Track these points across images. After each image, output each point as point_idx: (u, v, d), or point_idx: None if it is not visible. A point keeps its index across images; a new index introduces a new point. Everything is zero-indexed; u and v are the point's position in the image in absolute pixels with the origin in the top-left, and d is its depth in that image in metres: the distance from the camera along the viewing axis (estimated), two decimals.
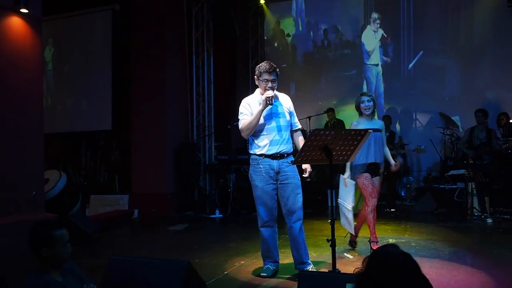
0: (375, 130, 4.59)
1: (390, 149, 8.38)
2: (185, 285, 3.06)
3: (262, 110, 3.97)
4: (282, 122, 4.07)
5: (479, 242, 5.54)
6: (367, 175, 4.79)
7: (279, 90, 4.38)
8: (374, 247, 4.62)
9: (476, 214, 6.97)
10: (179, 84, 8.62)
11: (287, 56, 11.00)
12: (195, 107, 8.81)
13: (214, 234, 6.60)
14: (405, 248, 2.03)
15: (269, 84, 4.01)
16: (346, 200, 4.62)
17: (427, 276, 1.52)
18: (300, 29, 10.90)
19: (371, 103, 4.80)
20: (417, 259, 1.55)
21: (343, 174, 4.86)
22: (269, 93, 3.94)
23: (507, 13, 8.75)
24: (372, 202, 4.80)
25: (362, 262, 1.55)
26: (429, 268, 4.26)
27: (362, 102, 4.85)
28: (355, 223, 4.79)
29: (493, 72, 8.91)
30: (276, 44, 11.14)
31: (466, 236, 5.85)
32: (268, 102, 3.93)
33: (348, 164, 4.77)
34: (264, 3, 10.62)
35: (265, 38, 11.04)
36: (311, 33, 10.78)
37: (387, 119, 8.90)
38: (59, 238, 2.44)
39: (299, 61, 10.92)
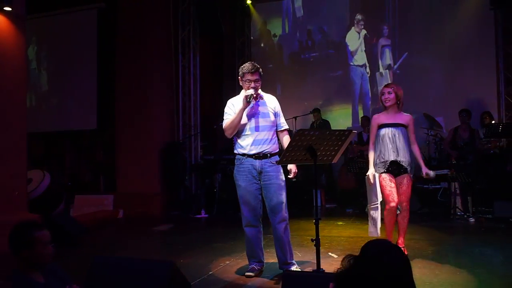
0: (393, 124, 4.42)
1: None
2: (169, 286, 3.05)
3: (243, 109, 3.98)
4: (265, 122, 4.08)
5: (461, 241, 5.60)
6: (385, 175, 4.45)
7: (265, 90, 4.39)
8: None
9: (459, 213, 7.05)
10: (165, 83, 8.59)
11: (274, 56, 11.01)
12: (181, 107, 8.79)
13: (199, 234, 6.59)
14: None
15: (252, 85, 4.02)
16: (371, 199, 4.41)
17: None
18: (287, 29, 10.93)
19: (391, 95, 4.44)
20: None
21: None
22: (249, 91, 3.96)
23: (490, 15, 8.88)
24: (388, 205, 4.44)
25: (342, 261, 1.54)
26: (412, 267, 4.28)
27: (382, 94, 4.53)
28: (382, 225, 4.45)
29: (476, 73, 9.02)
30: (262, 45, 11.14)
31: (449, 236, 5.92)
32: (247, 100, 3.93)
33: (371, 161, 4.56)
34: (251, 3, 10.62)
35: (252, 38, 11.04)
36: (298, 34, 10.81)
37: (365, 120, 9.01)
38: (39, 239, 2.42)
39: (285, 62, 10.94)
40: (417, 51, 9.74)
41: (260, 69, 4.10)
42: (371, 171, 4.49)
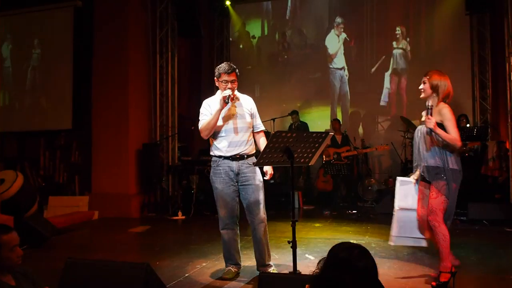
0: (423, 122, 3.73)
1: (348, 150, 8.62)
2: None
3: (220, 110, 3.95)
4: (241, 123, 4.06)
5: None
6: (413, 181, 3.95)
7: (244, 91, 4.37)
8: (441, 279, 3.69)
9: None
10: (142, 83, 8.50)
11: (252, 57, 11.01)
12: (158, 107, 8.71)
13: (176, 236, 6.53)
14: None
15: (229, 85, 4.00)
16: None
17: (385, 277, 1.55)
18: (266, 31, 10.94)
19: (425, 85, 3.86)
20: (377, 260, 1.57)
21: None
22: (226, 92, 3.94)
23: (465, 20, 9.05)
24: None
25: (317, 264, 1.55)
26: (387, 268, 4.34)
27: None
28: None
29: (452, 77, 9.08)
30: (241, 46, 11.13)
31: None
32: (224, 101, 3.91)
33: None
34: (230, 4, 10.60)
35: (231, 39, 11.02)
36: (276, 36, 10.84)
37: (336, 123, 9.09)
38: (6, 242, 2.38)
39: (264, 63, 10.95)
40: (395, 54, 9.86)
41: (237, 70, 4.08)
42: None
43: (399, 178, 4.08)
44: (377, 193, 8.63)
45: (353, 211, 7.97)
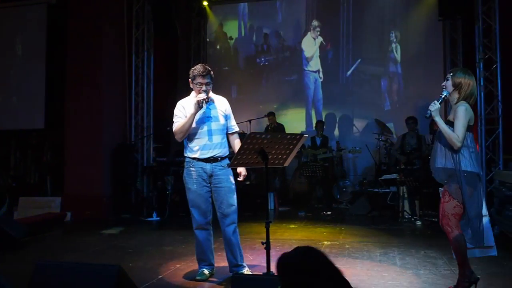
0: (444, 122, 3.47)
1: (324, 152, 8.70)
2: None
3: (194, 114, 3.94)
4: (215, 126, 4.05)
5: (408, 244, 5.76)
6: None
7: (220, 92, 4.36)
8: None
9: (406, 216, 7.26)
10: (117, 83, 8.41)
11: (229, 59, 11.01)
12: (134, 108, 8.62)
13: (150, 237, 6.47)
14: (338, 251, 2.09)
15: (203, 88, 3.98)
16: None
17: (358, 277, 1.59)
18: (243, 32, 10.95)
19: (448, 82, 3.59)
20: (350, 261, 1.60)
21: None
22: (200, 96, 3.92)
23: (438, 26, 9.24)
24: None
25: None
26: (360, 269, 4.39)
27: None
28: None
29: (425, 81, 9.35)
30: (218, 47, 11.11)
31: (397, 238, 6.07)
32: (199, 105, 3.89)
33: None
34: (208, 5, 10.57)
35: (208, 40, 10.99)
36: (254, 37, 10.86)
37: (320, 124, 9.17)
38: None
39: (241, 65, 10.96)
40: (370, 59, 10.00)
41: (212, 72, 4.07)
42: None
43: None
44: (351, 194, 8.73)
45: (328, 213, 8.03)
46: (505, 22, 7.42)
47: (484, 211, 3.59)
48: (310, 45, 10.31)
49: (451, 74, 3.58)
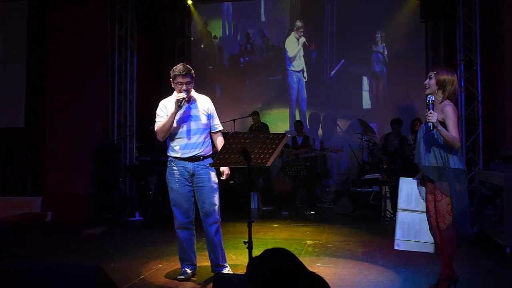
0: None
1: (305, 152, 8.74)
2: None
3: (175, 113, 3.93)
4: (197, 125, 4.04)
5: (390, 243, 5.76)
6: (417, 181, 3.80)
7: (204, 91, 4.35)
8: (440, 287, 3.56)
9: (388, 216, 7.32)
10: (100, 82, 8.32)
11: (214, 58, 10.98)
12: (117, 106, 8.55)
13: (132, 237, 6.42)
14: (321, 250, 2.10)
15: (184, 87, 3.97)
16: None
17: (339, 276, 1.60)
18: (227, 32, 10.93)
19: (431, 81, 3.57)
20: (332, 260, 1.62)
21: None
22: (180, 95, 3.91)
23: (421, 27, 9.34)
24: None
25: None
26: (342, 268, 4.42)
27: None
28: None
29: (407, 81, 9.43)
30: (202, 46, 11.08)
31: (379, 237, 6.12)
32: (179, 104, 3.88)
33: None
34: (192, 3, 10.52)
35: (192, 39, 10.94)
36: (238, 37, 10.84)
37: (299, 124, 9.20)
38: None
39: (225, 64, 10.94)
40: (354, 59, 10.06)
41: (192, 71, 4.06)
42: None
43: (402, 178, 3.87)
44: (335, 194, 8.77)
45: (311, 212, 8.06)
46: (486, 24, 7.54)
47: (418, 206, 3.76)
48: (293, 45, 10.34)
49: (435, 72, 3.58)
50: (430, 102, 3.52)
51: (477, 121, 7.31)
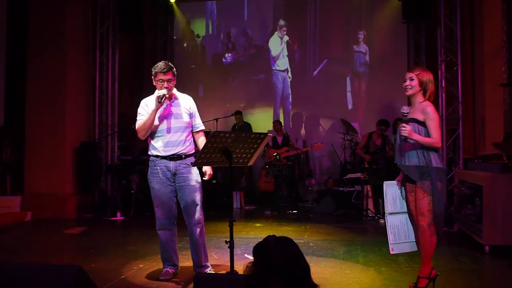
0: (408, 120, 3.56)
1: (286, 151, 8.76)
2: None
3: (156, 110, 3.91)
4: (178, 123, 4.02)
5: (371, 242, 5.86)
6: (397, 183, 3.85)
7: (187, 91, 4.34)
8: (419, 284, 3.63)
9: (370, 215, 7.38)
10: (81, 80, 8.22)
11: (196, 57, 10.93)
12: (98, 105, 8.45)
13: (114, 237, 6.36)
14: (303, 249, 2.11)
15: (165, 84, 3.95)
16: None
17: (321, 275, 1.60)
18: (210, 30, 10.89)
19: (413, 82, 3.60)
20: (314, 259, 1.63)
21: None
22: (160, 92, 3.90)
23: (403, 28, 9.43)
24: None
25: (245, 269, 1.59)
26: (324, 267, 4.44)
27: (404, 81, 3.68)
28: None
29: (389, 82, 9.51)
30: (185, 44, 11.02)
31: (360, 236, 6.17)
32: (159, 101, 3.86)
33: None
34: (175, 2, 10.45)
35: (175, 37, 10.87)
36: (221, 36, 10.82)
37: (278, 124, 9.23)
38: None
39: (208, 63, 10.90)
40: (336, 59, 10.11)
41: (174, 69, 4.04)
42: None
43: (385, 182, 3.85)
44: (317, 193, 8.81)
45: (294, 211, 8.09)
46: (466, 25, 7.64)
47: (404, 207, 3.77)
48: (277, 44, 10.35)
49: (417, 73, 3.61)
50: (404, 113, 3.60)
51: (458, 121, 7.41)
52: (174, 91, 4.11)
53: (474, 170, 5.93)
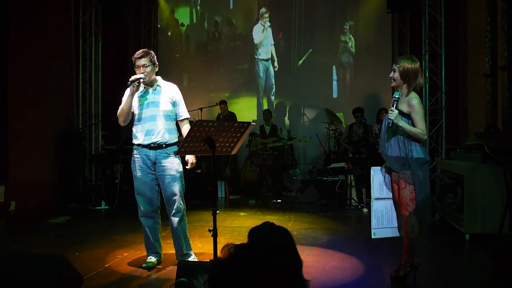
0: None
1: (274, 141, 8.79)
2: (59, 280, 2.90)
3: (131, 95, 3.94)
4: (159, 111, 4.01)
5: (354, 230, 5.94)
6: (380, 169, 3.89)
7: (172, 79, 4.32)
8: (401, 272, 3.71)
9: (354, 204, 7.46)
10: (64, 69, 8.13)
11: (181, 46, 10.85)
12: (81, 94, 8.37)
13: (98, 226, 6.36)
14: None
15: (141, 70, 3.95)
16: None
17: (305, 263, 1.57)
18: (195, 19, 10.81)
19: (395, 74, 3.62)
20: (297, 247, 1.60)
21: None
22: (133, 77, 3.90)
23: (387, 18, 9.46)
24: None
25: (222, 249, 1.55)
26: (307, 255, 4.49)
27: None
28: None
29: (374, 72, 9.57)
30: (169, 34, 10.92)
31: (343, 225, 6.25)
32: (129, 83, 3.88)
33: None
34: None
35: (159, 26, 10.76)
36: (205, 24, 10.75)
37: (267, 113, 9.24)
38: None
39: (192, 52, 10.83)
40: (321, 49, 10.12)
41: (151, 55, 4.04)
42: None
43: (373, 168, 3.91)
44: (301, 183, 8.86)
45: (278, 200, 8.14)
46: (450, 16, 7.71)
47: (389, 194, 3.83)
48: (259, 32, 10.31)
49: (398, 65, 3.60)
50: (395, 99, 3.60)
51: (441, 112, 7.50)
52: (159, 80, 4.10)
53: (455, 160, 6.03)
